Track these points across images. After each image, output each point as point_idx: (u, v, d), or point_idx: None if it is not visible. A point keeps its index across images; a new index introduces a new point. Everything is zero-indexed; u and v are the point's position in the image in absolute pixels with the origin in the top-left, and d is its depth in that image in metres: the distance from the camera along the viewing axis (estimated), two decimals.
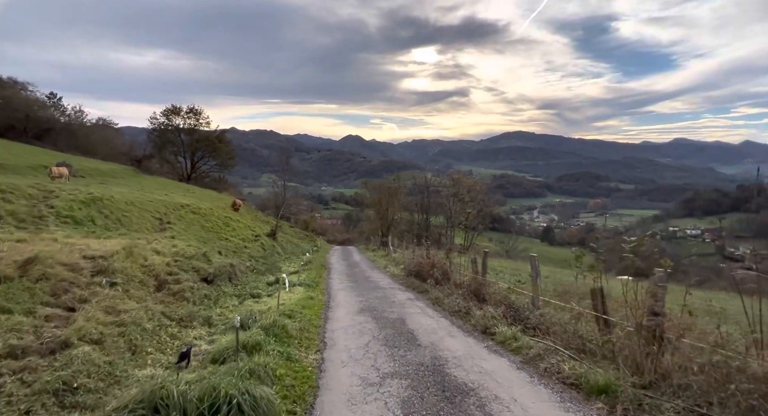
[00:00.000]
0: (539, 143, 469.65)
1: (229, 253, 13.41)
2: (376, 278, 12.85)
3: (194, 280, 7.26)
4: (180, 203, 17.58)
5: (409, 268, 11.91)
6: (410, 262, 12.38)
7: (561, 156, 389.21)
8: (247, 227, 20.44)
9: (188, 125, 44.46)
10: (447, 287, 8.14)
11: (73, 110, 42.76)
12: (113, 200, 12.00)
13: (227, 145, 48.26)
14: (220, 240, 14.73)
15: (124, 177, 27.93)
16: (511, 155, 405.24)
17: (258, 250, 16.52)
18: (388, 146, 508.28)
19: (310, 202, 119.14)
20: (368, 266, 17.07)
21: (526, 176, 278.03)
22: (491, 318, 5.84)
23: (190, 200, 20.50)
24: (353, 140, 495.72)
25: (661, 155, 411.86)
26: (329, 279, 12.30)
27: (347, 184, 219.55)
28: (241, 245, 15.71)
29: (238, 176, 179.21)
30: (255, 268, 12.31)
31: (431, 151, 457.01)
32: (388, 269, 14.90)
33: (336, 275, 13.67)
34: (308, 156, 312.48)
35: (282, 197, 54.76)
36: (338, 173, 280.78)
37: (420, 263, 11.04)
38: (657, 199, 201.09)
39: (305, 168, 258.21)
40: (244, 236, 17.60)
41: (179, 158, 45.34)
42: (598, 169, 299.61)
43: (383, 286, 10.80)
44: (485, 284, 7.05)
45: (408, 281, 11.09)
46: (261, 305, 7.43)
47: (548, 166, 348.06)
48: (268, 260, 15.82)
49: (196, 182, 42.32)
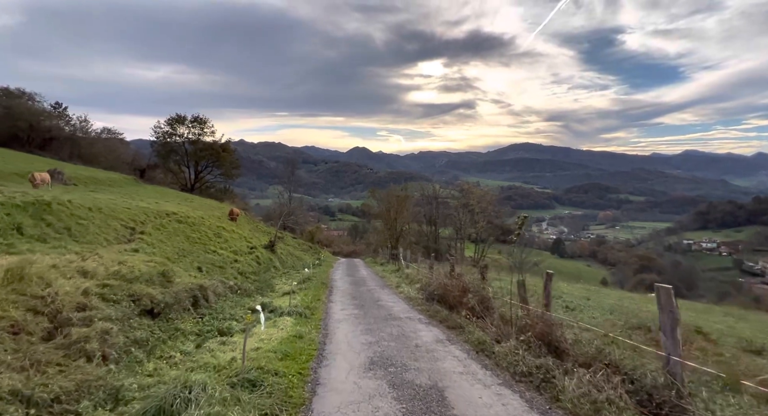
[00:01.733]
0: (547, 154, 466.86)
1: (213, 269, 11.17)
2: (387, 301, 10.54)
3: (123, 315, 4.92)
4: (166, 211, 15.50)
5: (429, 290, 9.46)
6: (430, 282, 9.96)
7: (569, 168, 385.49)
8: (242, 238, 18.24)
9: (193, 134, 43.62)
10: (492, 324, 5.66)
11: (78, 119, 42.37)
12: (69, 206, 9.87)
13: (232, 154, 47.05)
14: (206, 253, 12.51)
15: (121, 186, 26.80)
16: (518, 167, 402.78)
17: (251, 264, 14.26)
18: (394, 158, 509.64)
19: (316, 213, 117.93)
20: (377, 283, 14.66)
21: (534, 188, 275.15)
22: (598, 398, 3.28)
23: (182, 208, 18.52)
24: (360, 151, 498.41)
25: (672, 166, 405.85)
26: (329, 303, 9.99)
27: (354, 195, 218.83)
28: (231, 258, 13.48)
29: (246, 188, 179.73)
30: (240, 288, 10.02)
31: (438, 163, 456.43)
32: (401, 290, 12.47)
33: (339, 296, 11.34)
34: (315, 168, 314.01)
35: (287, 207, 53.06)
36: (345, 184, 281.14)
37: (444, 284, 8.68)
38: (669, 211, 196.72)
39: (312, 180, 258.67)
40: (236, 248, 15.39)
41: (183, 167, 44.40)
42: (607, 181, 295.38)
43: (398, 315, 8.45)
44: (556, 326, 4.57)
45: (430, 309, 8.74)
46: (226, 351, 5.06)
47: (556, 178, 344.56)
48: (261, 276, 13.53)
49: (201, 192, 41.29)
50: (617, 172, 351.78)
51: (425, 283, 10.88)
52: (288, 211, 41.58)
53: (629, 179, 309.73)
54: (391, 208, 34.71)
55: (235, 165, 47.27)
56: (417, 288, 11.56)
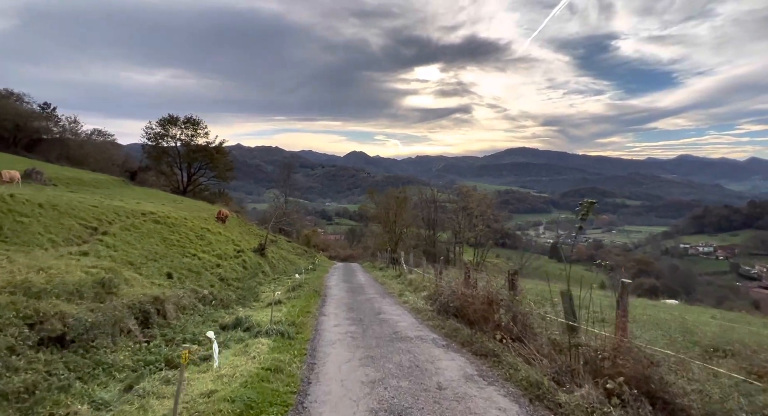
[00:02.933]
0: (543, 159, 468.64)
1: (187, 275, 9.53)
2: (391, 314, 8.88)
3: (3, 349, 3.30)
4: (143, 210, 13.88)
5: (441, 300, 7.90)
6: (440, 290, 8.38)
7: (565, 172, 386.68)
8: (229, 240, 16.60)
9: (186, 135, 42.37)
10: (540, 353, 4.05)
11: (68, 120, 41.07)
12: (9, 201, 8.23)
13: (226, 156, 45.69)
14: (183, 257, 10.88)
15: (108, 187, 25.60)
16: (515, 171, 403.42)
17: (236, 270, 12.63)
18: (392, 162, 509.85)
19: (313, 217, 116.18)
20: (377, 291, 12.93)
21: (530, 192, 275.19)
22: None
23: (165, 208, 16.93)
24: (357, 156, 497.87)
25: (667, 171, 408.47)
26: (321, 316, 8.38)
27: (351, 199, 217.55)
28: (213, 263, 11.84)
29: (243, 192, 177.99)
30: (216, 298, 8.40)
31: (435, 167, 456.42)
32: (405, 299, 10.80)
33: (333, 307, 9.67)
34: (312, 172, 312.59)
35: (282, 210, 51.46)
36: (342, 188, 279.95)
37: (463, 295, 7.05)
38: (665, 215, 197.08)
39: (309, 184, 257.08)
40: (221, 251, 13.75)
41: (175, 169, 43.09)
42: (603, 185, 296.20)
43: (406, 333, 6.89)
44: (654, 366, 2.90)
45: (445, 325, 7.14)
46: (167, 396, 3.45)
47: (553, 182, 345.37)
48: (245, 283, 11.89)
49: (194, 195, 39.93)
50: (613, 176, 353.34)
51: (434, 291, 9.36)
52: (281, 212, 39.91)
53: (625, 184, 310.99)
54: (390, 210, 33.09)
55: (229, 167, 45.97)
56: (424, 297, 9.98)
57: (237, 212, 28.81)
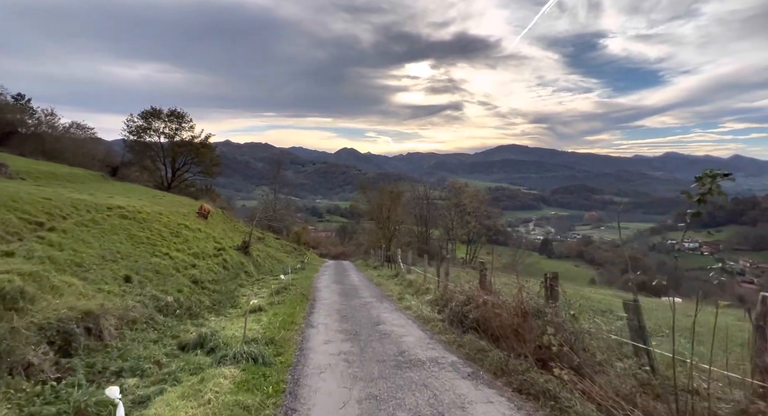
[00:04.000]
0: (533, 156, 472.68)
1: (151, 278, 8.07)
2: (392, 324, 7.47)
3: None
4: (110, 204, 12.34)
5: (453, 307, 6.67)
6: (450, 295, 7.11)
7: (555, 169, 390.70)
8: (210, 238, 15.11)
9: (170, 129, 40.48)
10: (617, 394, 2.78)
11: (44, 113, 38.72)
12: None
13: (212, 151, 43.82)
14: (152, 257, 9.42)
15: (83, 182, 24.07)
16: (505, 168, 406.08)
17: (214, 270, 11.19)
18: (383, 159, 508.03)
19: (304, 214, 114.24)
20: (373, 294, 11.50)
21: (521, 189, 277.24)
22: None
23: (138, 203, 15.37)
24: (348, 152, 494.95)
25: (654, 168, 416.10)
26: (308, 329, 6.93)
27: (342, 196, 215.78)
28: (188, 263, 10.39)
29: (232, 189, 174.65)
30: (183, 305, 6.98)
31: (426, 164, 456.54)
32: (407, 303, 9.43)
33: (322, 315, 8.21)
34: (303, 169, 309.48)
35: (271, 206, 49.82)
36: (333, 185, 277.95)
37: (485, 303, 5.67)
38: (652, 212, 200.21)
39: (300, 181, 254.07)
40: (199, 250, 12.29)
41: (159, 164, 41.24)
42: (591, 182, 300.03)
43: (417, 354, 5.45)
44: None
45: (462, 341, 5.77)
46: None
47: (542, 179, 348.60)
48: (224, 285, 10.47)
49: (180, 191, 38.14)
50: (601, 173, 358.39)
51: (440, 295, 8.05)
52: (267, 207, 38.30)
53: (613, 181, 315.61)
54: (384, 205, 31.77)
55: (215, 162, 44.21)
56: (428, 302, 8.61)
57: (223, 208, 27.20)
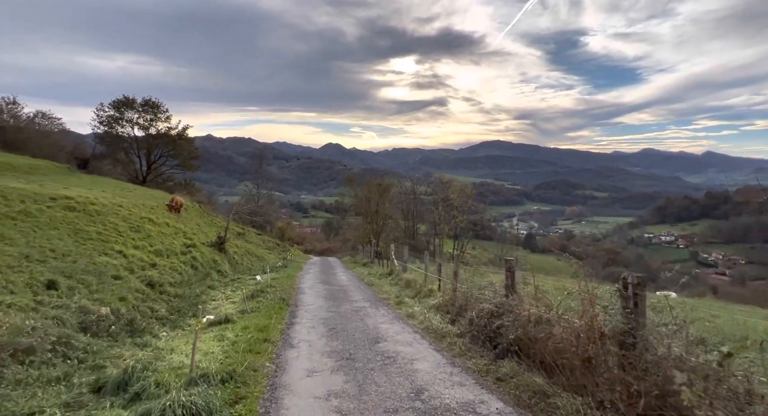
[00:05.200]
0: (516, 152, 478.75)
1: (91, 282, 6.54)
2: (396, 342, 5.81)
3: None
4: (53, 194, 10.78)
5: (473, 319, 5.29)
6: (466, 303, 6.11)
7: (537, 165, 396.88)
8: (179, 233, 13.67)
9: (144, 119, 38.15)
10: None
11: (5, 101, 35.72)
12: None
13: (190, 143, 41.64)
14: (101, 255, 8.03)
15: (44, 174, 22.44)
16: (489, 164, 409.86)
17: (179, 270, 9.79)
18: (368, 155, 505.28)
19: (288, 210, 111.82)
20: (366, 297, 9.99)
21: (504, 184, 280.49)
22: None
23: (98, 194, 13.79)
24: (333, 148, 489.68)
25: (631, 164, 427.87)
26: (286, 351, 5.29)
27: (327, 192, 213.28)
28: (146, 262, 9.01)
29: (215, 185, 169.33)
30: (125, 318, 5.56)
31: (411, 159, 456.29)
32: (408, 310, 7.91)
33: (305, 329, 6.58)
34: (287, 164, 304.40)
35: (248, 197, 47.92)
36: (318, 181, 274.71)
37: (529, 319, 4.24)
38: (630, 206, 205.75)
39: (284, 176, 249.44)
40: (163, 247, 10.90)
41: (133, 157, 38.89)
42: (573, 177, 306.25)
43: (444, 399, 3.74)
44: None
45: (499, 372, 4.32)
46: None
47: (525, 174, 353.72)
48: (189, 289, 9.04)
49: (157, 185, 35.96)
50: (582, 169, 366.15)
51: (448, 299, 6.83)
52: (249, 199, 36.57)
53: (593, 176, 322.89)
54: (372, 199, 30.59)
55: (194, 155, 42.07)
56: (434, 308, 7.33)
57: (200, 202, 25.46)
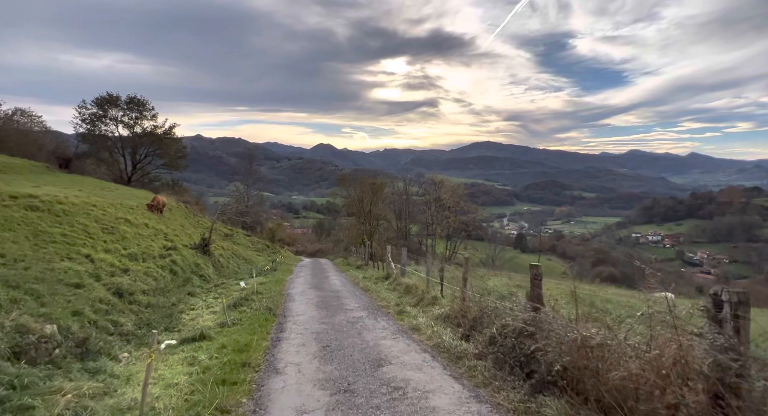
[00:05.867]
0: (506, 153, 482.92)
1: (40, 293, 5.43)
2: (404, 365, 4.86)
3: None
4: (14, 193, 9.71)
5: (498, 337, 4.40)
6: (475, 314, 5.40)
7: (527, 166, 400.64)
8: (159, 234, 12.65)
9: (129, 118, 36.77)
10: None
11: None
12: None
13: (177, 142, 40.26)
14: (63, 260, 7.02)
15: (18, 173, 21.30)
16: (480, 165, 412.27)
17: (155, 275, 8.72)
18: (359, 155, 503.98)
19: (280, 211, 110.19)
20: (362, 304, 8.99)
21: (495, 185, 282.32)
22: None
23: (71, 193, 12.70)
24: (324, 148, 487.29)
25: (619, 165, 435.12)
26: (269, 380, 4.31)
27: (319, 193, 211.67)
28: (117, 267, 7.94)
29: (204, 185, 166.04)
30: (75, 337, 4.45)
31: (403, 160, 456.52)
32: (413, 322, 6.91)
33: (294, 347, 5.56)
34: (278, 164, 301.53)
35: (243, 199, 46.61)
36: (309, 181, 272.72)
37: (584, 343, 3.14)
38: (617, 207, 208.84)
39: (275, 177, 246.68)
40: (139, 250, 9.86)
41: (118, 156, 37.43)
42: (562, 178, 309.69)
43: None
44: None
45: (539, 411, 3.32)
46: None
47: (515, 175, 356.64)
48: (164, 297, 7.95)
49: (143, 185, 34.56)
50: (571, 170, 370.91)
51: (459, 311, 5.97)
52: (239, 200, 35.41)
53: (582, 177, 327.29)
54: (365, 198, 29.70)
55: (181, 154, 40.71)
56: (441, 318, 6.43)
57: (186, 203, 24.29)
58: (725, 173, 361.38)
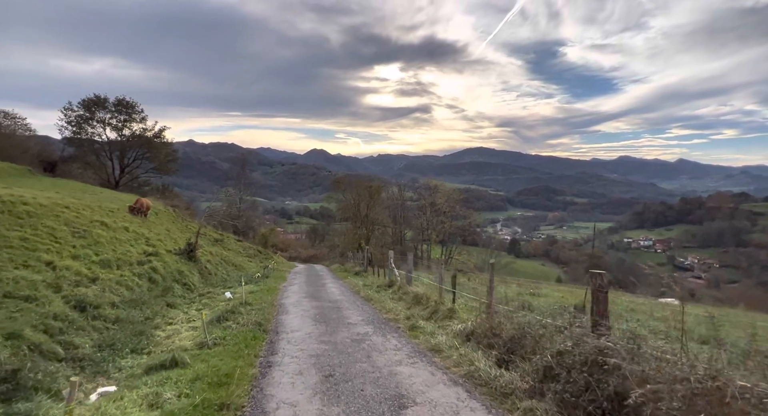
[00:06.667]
0: (499, 158, 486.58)
1: None
2: (436, 407, 3.58)
3: None
4: None
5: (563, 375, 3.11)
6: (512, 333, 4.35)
7: (520, 171, 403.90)
8: (140, 239, 11.59)
9: (117, 120, 35.72)
10: None
11: None
12: None
13: (167, 145, 39.17)
14: (18, 268, 5.97)
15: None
16: (473, 170, 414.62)
17: (129, 285, 7.69)
18: (353, 161, 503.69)
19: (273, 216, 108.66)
20: (367, 318, 7.87)
21: (488, 190, 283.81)
22: None
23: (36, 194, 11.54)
24: (318, 154, 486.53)
25: (609, 170, 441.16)
26: None
27: (312, 198, 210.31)
28: (83, 275, 6.93)
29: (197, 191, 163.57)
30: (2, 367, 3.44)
31: (396, 165, 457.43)
32: (430, 340, 5.83)
33: (288, 378, 4.35)
34: (271, 170, 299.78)
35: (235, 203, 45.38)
36: (303, 187, 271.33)
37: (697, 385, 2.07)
38: (609, 212, 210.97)
39: (268, 182, 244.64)
40: (113, 255, 8.78)
41: (105, 160, 36.25)
42: (554, 183, 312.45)
43: None
44: None
45: None
46: None
47: (508, 181, 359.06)
48: (135, 310, 6.90)
49: (132, 190, 33.33)
50: (563, 175, 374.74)
51: (485, 327, 4.93)
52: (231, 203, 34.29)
53: (573, 183, 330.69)
54: (362, 201, 28.73)
55: (171, 158, 39.65)
56: (462, 336, 5.39)
57: (175, 207, 23.12)
58: (713, 179, 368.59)
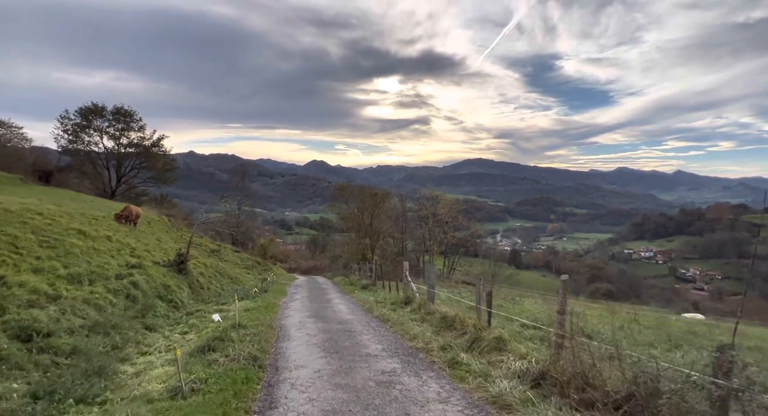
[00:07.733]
0: (498, 169, 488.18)
1: None
2: None
3: None
4: None
5: None
6: (628, 388, 2.69)
7: (519, 182, 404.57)
8: (123, 249, 10.95)
9: (115, 129, 35.47)
10: None
11: None
12: None
13: (165, 154, 38.79)
14: None
15: None
16: (472, 181, 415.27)
17: (101, 304, 6.72)
18: (353, 172, 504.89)
19: (272, 227, 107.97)
20: (388, 346, 6.39)
21: (487, 201, 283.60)
22: None
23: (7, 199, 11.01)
24: (318, 165, 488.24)
25: (608, 182, 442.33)
26: None
27: (312, 209, 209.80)
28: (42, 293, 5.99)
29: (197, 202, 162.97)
30: None
31: (396, 176, 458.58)
32: (479, 384, 4.20)
33: None
34: (271, 181, 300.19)
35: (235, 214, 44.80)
36: (303, 197, 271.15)
37: None
38: (608, 223, 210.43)
39: (268, 193, 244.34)
40: (88, 269, 7.98)
41: (102, 169, 35.84)
42: (553, 195, 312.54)
43: None
44: None
45: None
46: None
47: (507, 192, 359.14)
48: (102, 336, 5.85)
49: (129, 200, 32.81)
50: (561, 186, 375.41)
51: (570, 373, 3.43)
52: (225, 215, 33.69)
53: (572, 194, 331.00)
54: (366, 210, 28.06)
55: (169, 167, 39.28)
56: (527, 379, 4.01)
57: (170, 216, 22.51)
58: (710, 191, 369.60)
